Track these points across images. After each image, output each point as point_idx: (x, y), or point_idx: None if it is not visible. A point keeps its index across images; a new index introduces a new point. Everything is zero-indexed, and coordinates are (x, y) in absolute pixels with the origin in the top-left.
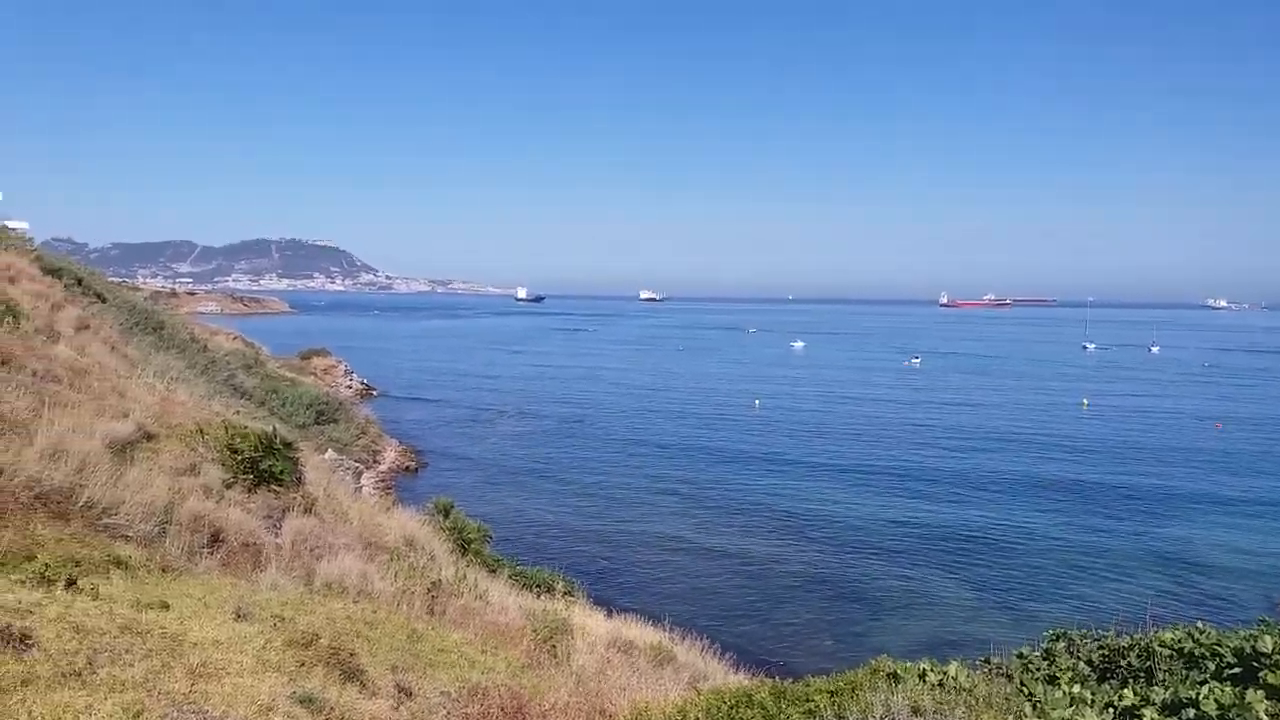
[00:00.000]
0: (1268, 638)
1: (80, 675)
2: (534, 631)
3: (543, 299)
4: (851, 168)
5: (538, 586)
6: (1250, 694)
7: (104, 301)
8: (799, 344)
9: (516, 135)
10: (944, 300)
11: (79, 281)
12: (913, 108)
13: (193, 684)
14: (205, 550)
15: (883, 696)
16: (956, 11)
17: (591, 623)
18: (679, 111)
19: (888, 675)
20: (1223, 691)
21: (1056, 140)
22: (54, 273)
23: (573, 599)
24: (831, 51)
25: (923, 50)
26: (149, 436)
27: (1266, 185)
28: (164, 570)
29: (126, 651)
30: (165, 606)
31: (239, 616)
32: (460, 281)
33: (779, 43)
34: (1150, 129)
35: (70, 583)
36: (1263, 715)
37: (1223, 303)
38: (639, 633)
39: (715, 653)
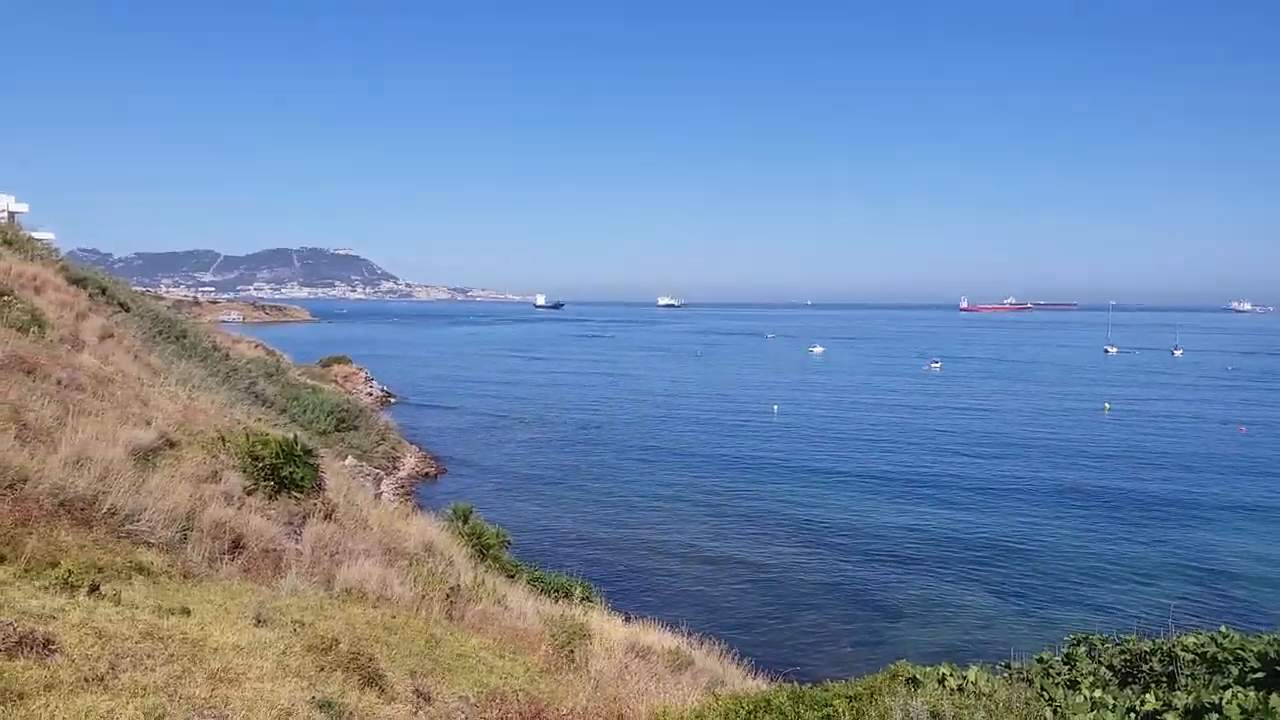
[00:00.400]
0: None
1: (102, 680)
2: (552, 637)
3: (562, 305)
4: (870, 171)
5: (556, 592)
6: (1275, 699)
7: (127, 310)
8: (818, 349)
9: (535, 143)
10: (964, 304)
11: (103, 291)
12: (931, 110)
13: (213, 689)
14: (226, 556)
15: (902, 701)
16: (973, 9)
17: (609, 628)
18: (698, 116)
19: (907, 680)
20: (1246, 696)
21: (1078, 141)
22: (79, 282)
23: (591, 604)
24: (847, 51)
25: (939, 50)
26: (171, 444)
27: None
28: (185, 576)
29: (148, 657)
30: (186, 612)
31: (259, 622)
32: (480, 289)
33: (790, 43)
34: (1173, 129)
35: (93, 589)
36: None
37: (1246, 305)
38: (657, 638)
39: (733, 658)
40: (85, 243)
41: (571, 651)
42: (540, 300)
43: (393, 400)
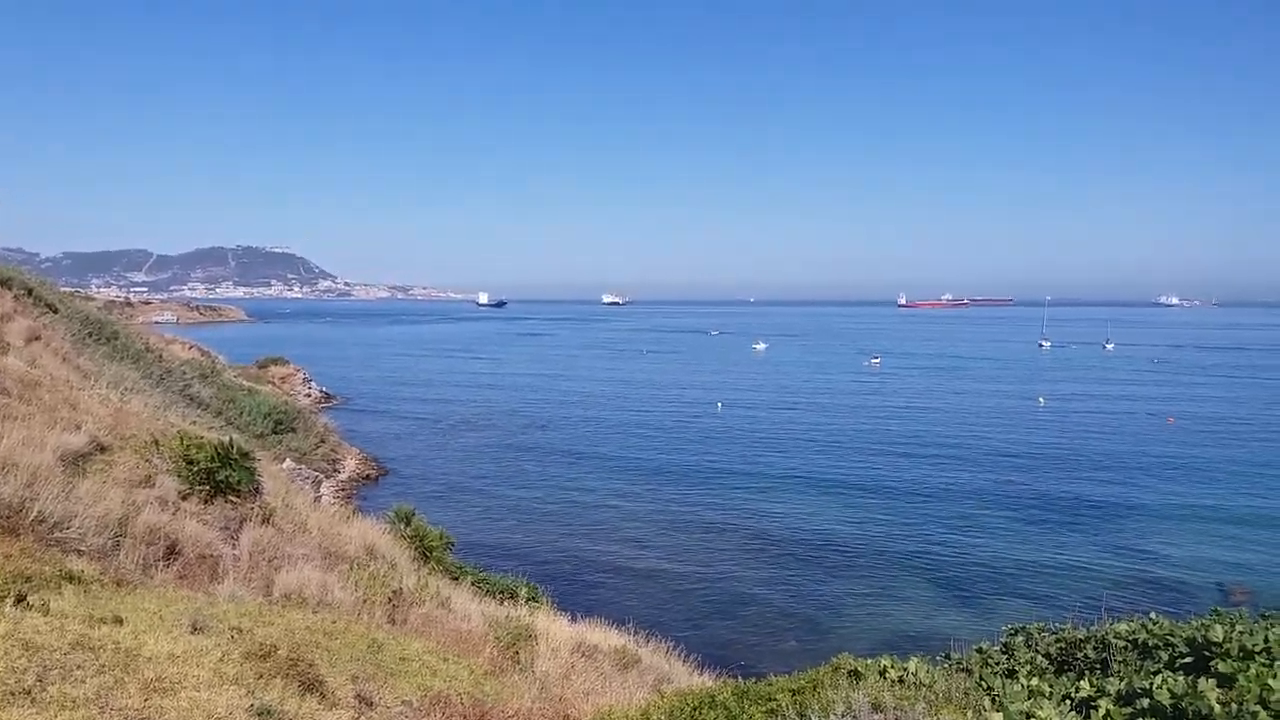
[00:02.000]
0: (1218, 627)
1: (30, 693)
2: (497, 638)
3: (505, 304)
4: (810, 170)
5: (501, 593)
6: (1202, 682)
7: (56, 312)
8: (761, 346)
9: (477, 139)
10: (902, 301)
11: (29, 292)
12: (872, 112)
13: (147, 699)
14: (161, 563)
15: (844, 694)
16: (910, 14)
17: (555, 628)
18: (640, 115)
19: (849, 673)
20: (1175, 681)
21: (1013, 142)
22: (3, 283)
23: (536, 605)
24: (787, 53)
25: (877, 54)
26: (102, 448)
27: (1217, 186)
28: (118, 584)
29: (78, 668)
30: (119, 621)
31: (195, 629)
32: (420, 288)
33: (736, 44)
34: (1106, 131)
35: (20, 599)
36: (1214, 703)
37: (1174, 300)
38: (603, 637)
39: (680, 655)
40: (10, 242)
41: (517, 653)
42: (483, 299)
43: (332, 401)
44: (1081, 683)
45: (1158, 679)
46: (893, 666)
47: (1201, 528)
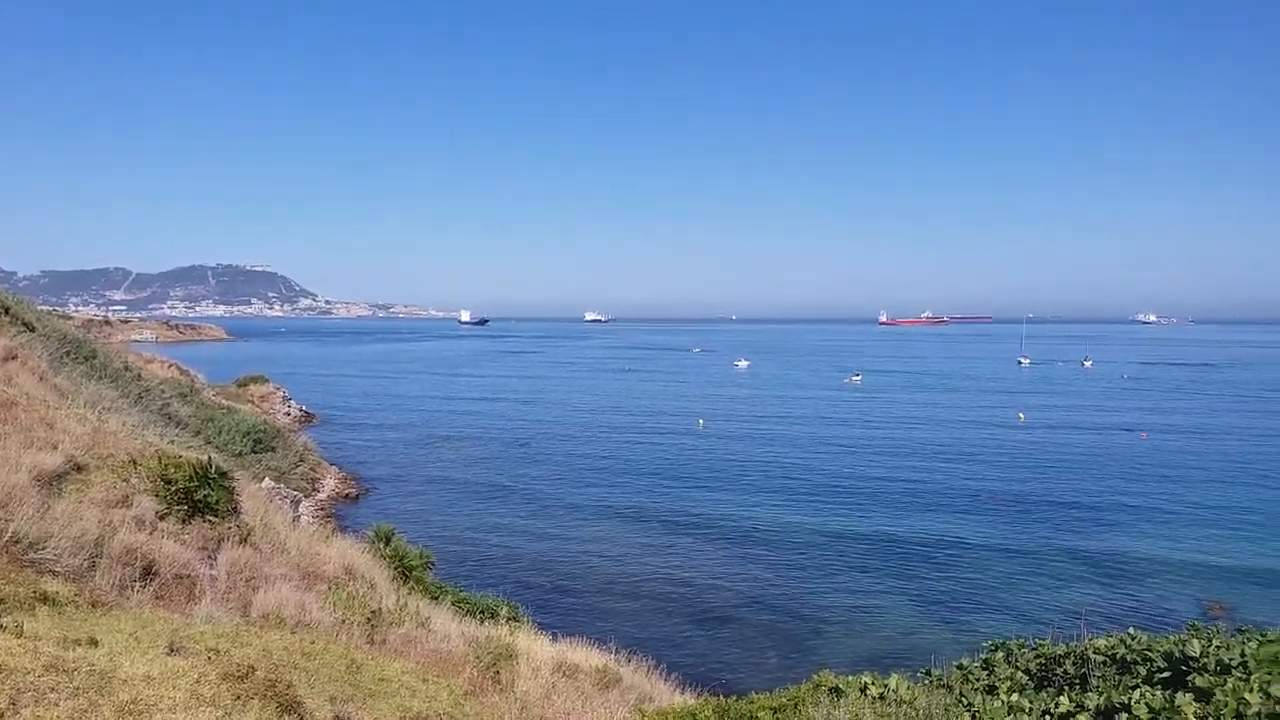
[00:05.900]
0: (1196, 642)
1: (2, 716)
2: (477, 658)
3: (487, 322)
4: (790, 189)
5: (481, 613)
6: (1180, 697)
7: (33, 331)
8: (742, 363)
9: (456, 157)
10: (883, 318)
11: (6, 310)
12: (848, 129)
13: None
14: (138, 583)
15: (825, 711)
16: (885, 35)
17: (536, 648)
18: (622, 134)
19: (830, 690)
20: (1154, 696)
21: (992, 162)
22: None
23: (517, 624)
24: (766, 70)
25: (852, 70)
26: (79, 468)
27: (1194, 205)
28: (94, 605)
29: (51, 690)
30: (94, 643)
31: (172, 650)
32: (402, 305)
33: (712, 57)
34: (1086, 150)
35: None
36: (1191, 717)
37: (1152, 317)
38: (584, 656)
39: (661, 673)
40: None
41: (497, 673)
42: (465, 316)
43: (312, 420)
44: (1061, 698)
45: (1136, 694)
46: (874, 683)
47: (1178, 542)
